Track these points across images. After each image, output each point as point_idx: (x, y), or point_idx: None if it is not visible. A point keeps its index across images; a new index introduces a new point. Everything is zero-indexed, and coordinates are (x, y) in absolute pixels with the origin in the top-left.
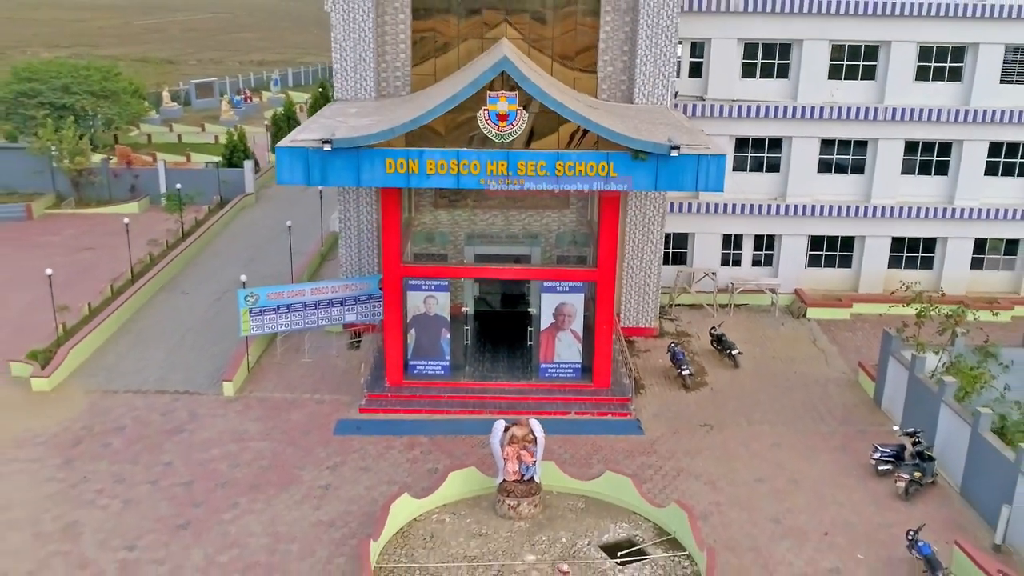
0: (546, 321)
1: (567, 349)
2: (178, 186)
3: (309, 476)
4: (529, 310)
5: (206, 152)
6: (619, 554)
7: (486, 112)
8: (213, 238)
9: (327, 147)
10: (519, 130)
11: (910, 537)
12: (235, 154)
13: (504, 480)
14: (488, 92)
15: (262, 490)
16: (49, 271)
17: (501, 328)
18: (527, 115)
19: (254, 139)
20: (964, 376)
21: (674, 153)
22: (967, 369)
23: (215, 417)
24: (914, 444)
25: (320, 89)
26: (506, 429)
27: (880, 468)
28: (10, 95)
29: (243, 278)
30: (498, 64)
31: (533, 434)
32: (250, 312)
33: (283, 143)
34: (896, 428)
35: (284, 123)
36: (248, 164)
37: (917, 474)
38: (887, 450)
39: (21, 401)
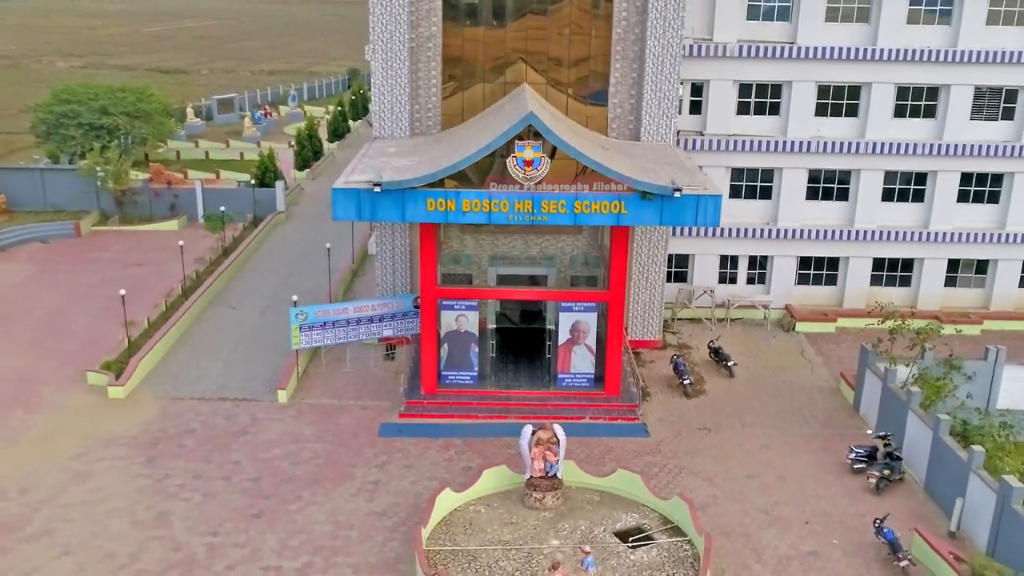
0: (563, 336)
1: (582, 361)
2: (222, 208)
3: (360, 473)
4: (548, 327)
5: (232, 168)
6: (630, 539)
7: (515, 159)
8: (251, 255)
9: (377, 189)
10: (543, 174)
11: (877, 525)
12: (267, 174)
13: (531, 476)
14: (516, 141)
15: (321, 485)
16: (122, 291)
17: (521, 341)
18: (550, 161)
19: (278, 155)
20: (929, 386)
21: (677, 194)
22: (932, 380)
23: (273, 421)
24: (885, 446)
25: (339, 107)
26: (533, 433)
27: (855, 466)
28: (52, 116)
29: (294, 298)
30: (525, 118)
31: (556, 437)
32: (300, 328)
33: (338, 185)
34: (870, 431)
35: (307, 141)
36: (280, 184)
37: (887, 472)
38: (861, 451)
39: (100, 407)
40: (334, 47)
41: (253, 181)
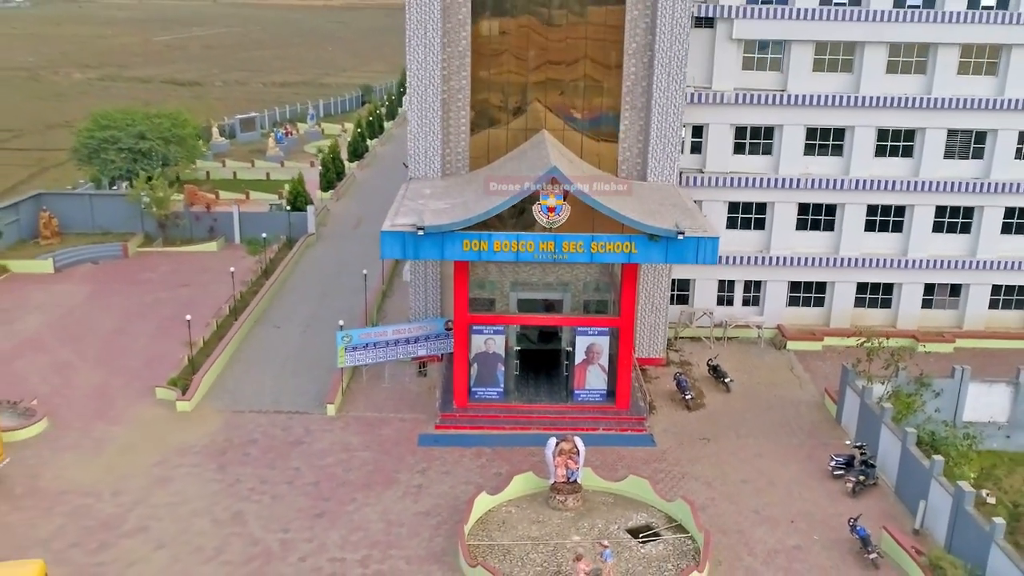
0: (579, 357)
1: (596, 378)
2: (264, 235)
3: (405, 478)
4: (566, 348)
5: (260, 188)
6: (640, 535)
7: (539, 205)
8: (289, 276)
9: (420, 232)
10: (564, 219)
11: (851, 523)
12: (298, 198)
13: (555, 482)
14: (540, 190)
15: (372, 488)
16: (188, 317)
17: (541, 360)
18: (570, 207)
19: (302, 176)
20: (901, 402)
21: (680, 237)
22: (904, 397)
23: (324, 432)
24: (861, 454)
25: (358, 129)
26: (556, 444)
27: (835, 473)
28: (93, 141)
29: (340, 323)
30: (550, 171)
31: (577, 448)
32: (345, 349)
33: (385, 228)
34: (849, 442)
35: (330, 163)
36: (311, 209)
37: (862, 477)
38: (841, 459)
39: (171, 419)
40: (341, 58)
41: (288, 207)
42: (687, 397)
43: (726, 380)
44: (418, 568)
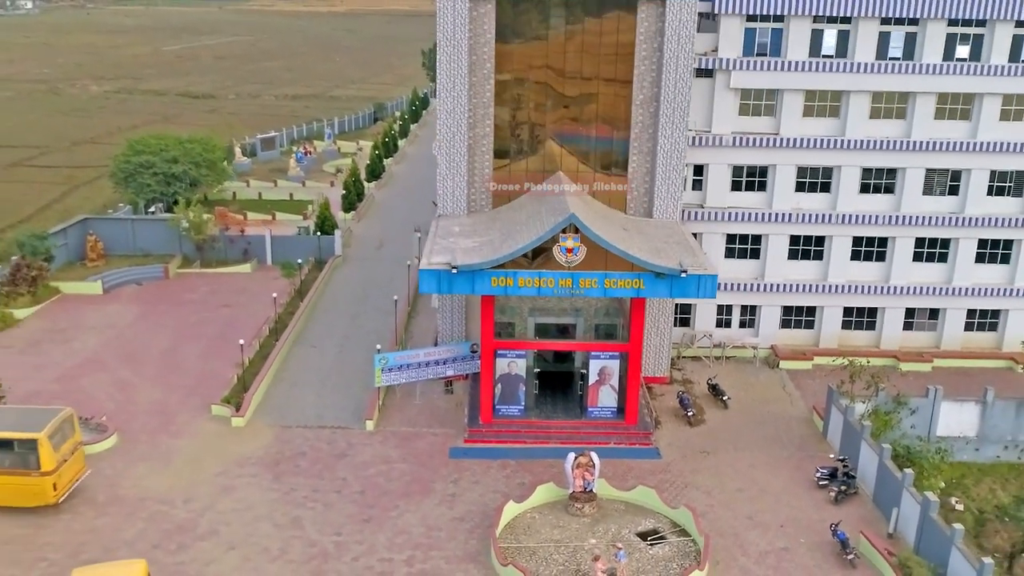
0: (593, 378)
1: (607, 397)
2: (299, 261)
3: (439, 487)
4: (581, 370)
5: (283, 208)
6: (648, 538)
7: (559, 247)
8: (320, 297)
9: (453, 271)
10: (581, 259)
11: (832, 528)
12: (326, 223)
13: (573, 491)
14: (560, 234)
15: (411, 496)
16: (241, 341)
17: (556, 380)
18: (586, 248)
19: (324, 196)
20: (879, 420)
21: (683, 275)
22: (883, 415)
23: (365, 445)
24: (843, 467)
25: (375, 150)
26: (575, 458)
27: (820, 483)
28: (130, 166)
29: (378, 347)
30: (568, 218)
31: (593, 462)
32: (382, 370)
33: (423, 267)
34: (833, 455)
35: (352, 186)
36: (338, 233)
37: (844, 487)
38: (825, 470)
39: (227, 434)
40: (349, 69)
41: (317, 232)
42: (689, 414)
43: (724, 398)
44: (456, 567)
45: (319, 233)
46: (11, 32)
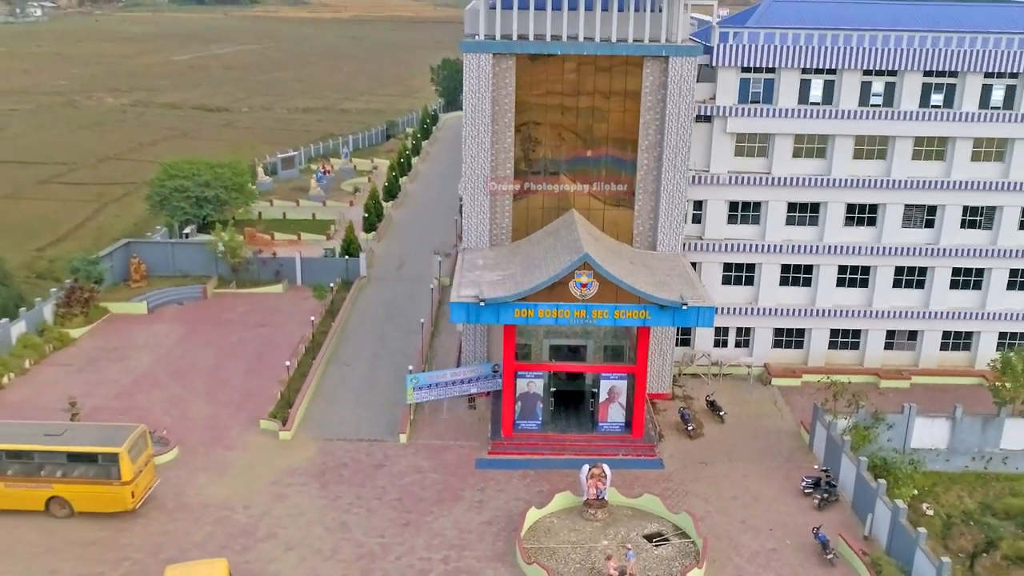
0: (603, 396)
1: (616, 413)
2: (331, 285)
3: (468, 494)
4: (591, 389)
5: (307, 228)
6: (654, 540)
7: (574, 282)
8: (349, 317)
9: (481, 303)
10: (594, 293)
11: (815, 531)
12: (351, 245)
13: (587, 499)
14: (576, 271)
15: (443, 503)
16: (288, 363)
17: (570, 397)
18: (598, 283)
19: (345, 216)
20: (859, 435)
21: (684, 307)
22: (862, 430)
23: (399, 457)
24: (826, 477)
25: (392, 172)
26: (589, 469)
27: (805, 491)
28: (165, 190)
29: (410, 367)
30: (582, 257)
31: (605, 473)
32: (413, 389)
33: (454, 299)
34: (817, 466)
35: (372, 208)
36: (363, 256)
37: (826, 495)
38: (810, 480)
39: (275, 446)
40: (357, 80)
41: (345, 255)
42: (689, 428)
43: (721, 413)
44: (487, 565)
45: (347, 256)
46: (23, 40)
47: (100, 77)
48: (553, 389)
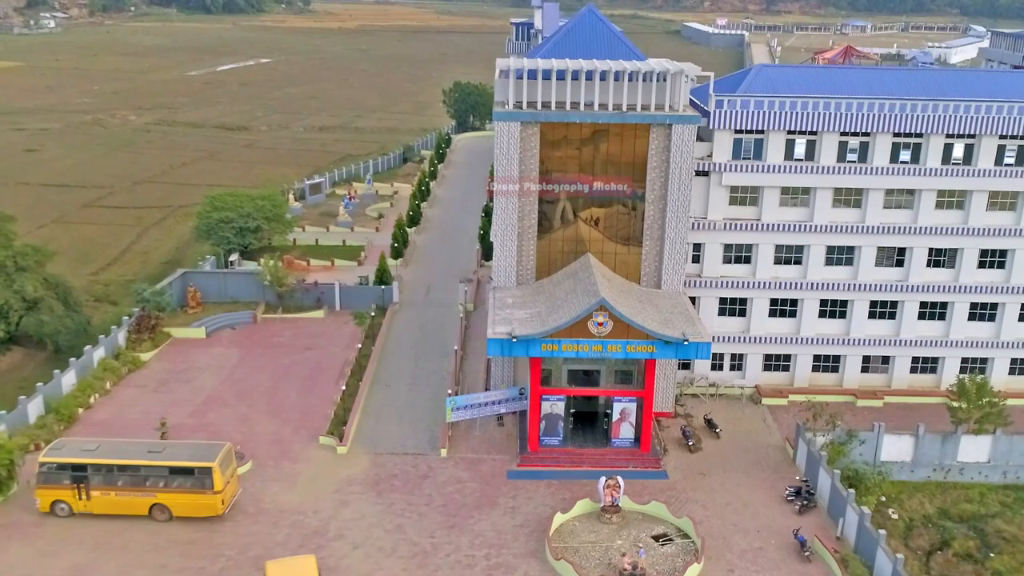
0: (615, 416)
1: (626, 430)
2: (372, 313)
3: (503, 501)
4: (606, 411)
5: (338, 254)
6: (660, 540)
7: (592, 322)
8: (386, 341)
9: (514, 339)
10: (609, 330)
11: (794, 532)
12: (384, 274)
13: (604, 505)
14: (594, 313)
15: (482, 508)
16: (343, 385)
17: (587, 417)
18: (612, 321)
19: (372, 242)
20: (834, 450)
21: (686, 343)
22: (837, 445)
23: (441, 469)
24: (806, 486)
25: (415, 200)
26: (605, 480)
27: (788, 498)
28: (211, 221)
29: (449, 391)
30: (599, 301)
31: (619, 483)
32: (452, 409)
33: (490, 336)
34: (799, 477)
35: (399, 235)
36: (396, 284)
37: (806, 502)
38: (792, 489)
39: (334, 459)
40: (368, 96)
41: (380, 283)
42: (689, 443)
43: (717, 430)
44: (522, 561)
45: (382, 284)
46: (41, 53)
47: (122, 94)
48: (572, 410)
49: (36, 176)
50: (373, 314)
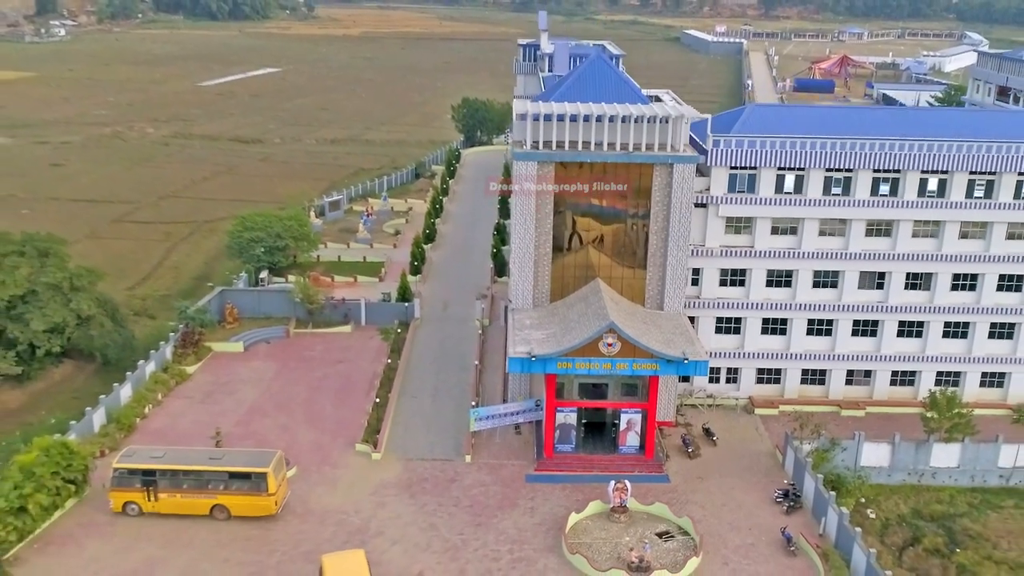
0: (623, 426)
1: (632, 438)
2: (398, 330)
3: (522, 502)
4: (614, 421)
5: (360, 270)
6: (663, 536)
7: (602, 342)
8: (410, 355)
9: (533, 358)
10: (618, 350)
11: (782, 530)
12: (406, 292)
13: (613, 506)
14: (603, 335)
15: (504, 509)
16: (376, 399)
17: (596, 427)
18: (620, 342)
19: (390, 259)
20: (819, 456)
21: (685, 361)
22: (821, 453)
23: (467, 473)
24: (793, 489)
25: (430, 219)
26: (614, 484)
27: (777, 500)
28: (243, 240)
29: (472, 403)
30: (608, 324)
31: (627, 487)
32: (475, 420)
33: (511, 355)
34: (787, 481)
35: (417, 253)
36: (417, 301)
37: (792, 503)
38: (781, 491)
39: (370, 465)
40: (376, 107)
41: (403, 300)
42: (689, 450)
43: (714, 438)
44: (541, 555)
45: (404, 301)
46: (53, 63)
47: (137, 106)
48: (584, 420)
49: (65, 191)
50: (400, 331)
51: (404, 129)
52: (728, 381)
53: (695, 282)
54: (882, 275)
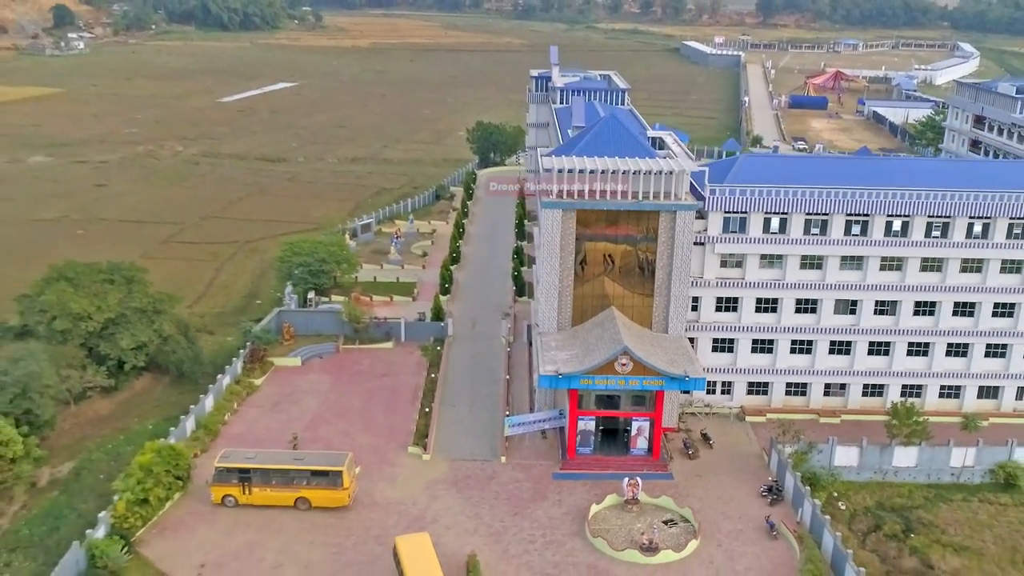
0: (633, 432)
1: (642, 442)
2: (438, 348)
3: (551, 496)
4: (626, 428)
5: (395, 290)
6: (668, 523)
7: (617, 363)
8: (447, 370)
9: (560, 376)
10: (630, 369)
11: (766, 518)
12: (440, 313)
13: (627, 499)
14: (618, 357)
15: (536, 502)
16: (427, 409)
17: (611, 432)
18: (632, 363)
19: (421, 279)
20: (798, 458)
21: (686, 379)
22: (800, 455)
23: (503, 472)
24: (776, 485)
25: (455, 243)
26: (628, 480)
27: (762, 494)
28: (291, 265)
29: (506, 412)
30: (622, 348)
31: (638, 483)
32: (509, 426)
33: (541, 372)
34: (771, 478)
35: (445, 274)
36: (449, 320)
37: (776, 496)
38: (765, 486)
39: (421, 465)
40: (390, 125)
41: (438, 319)
42: (689, 452)
43: (710, 442)
44: (569, 538)
45: (438, 320)
46: (76, 77)
47: (164, 123)
48: (600, 427)
49: (112, 212)
50: (439, 348)
51: (419, 147)
52: (723, 393)
53: (694, 308)
54: (854, 302)
